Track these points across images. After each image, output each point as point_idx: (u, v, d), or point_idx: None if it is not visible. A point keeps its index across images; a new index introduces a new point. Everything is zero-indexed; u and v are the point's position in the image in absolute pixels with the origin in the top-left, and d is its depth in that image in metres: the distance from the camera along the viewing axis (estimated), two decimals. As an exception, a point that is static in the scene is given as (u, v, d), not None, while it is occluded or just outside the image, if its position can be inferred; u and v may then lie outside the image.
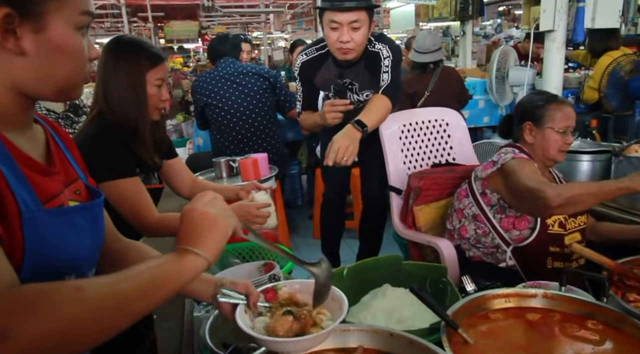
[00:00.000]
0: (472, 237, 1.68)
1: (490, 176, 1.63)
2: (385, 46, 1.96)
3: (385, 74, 1.94)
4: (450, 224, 1.78)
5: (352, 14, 1.81)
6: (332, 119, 1.87)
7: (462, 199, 1.72)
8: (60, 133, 0.85)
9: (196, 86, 2.80)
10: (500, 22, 9.49)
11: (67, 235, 0.71)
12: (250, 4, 12.39)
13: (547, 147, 1.61)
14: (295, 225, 3.55)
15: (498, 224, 1.61)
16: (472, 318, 0.98)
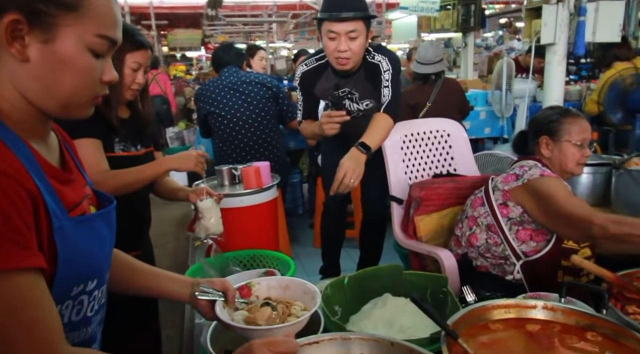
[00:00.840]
0: (482, 246, 1.67)
1: (514, 190, 1.60)
2: (385, 58, 1.99)
3: (385, 88, 1.97)
4: (459, 230, 1.77)
5: (349, 24, 1.84)
6: (329, 130, 1.91)
7: (477, 208, 1.71)
8: (64, 136, 0.86)
9: (199, 95, 2.82)
10: (501, 34, 9.57)
11: (91, 242, 0.73)
12: (253, 14, 12.51)
13: (565, 161, 1.61)
14: (296, 234, 3.56)
15: (513, 236, 1.59)
16: (472, 328, 0.99)
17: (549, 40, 2.48)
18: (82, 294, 0.73)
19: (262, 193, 2.01)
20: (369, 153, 1.81)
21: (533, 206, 1.55)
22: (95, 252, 0.74)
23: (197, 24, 13.32)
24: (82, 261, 0.70)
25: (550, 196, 1.48)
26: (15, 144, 0.65)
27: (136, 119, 1.56)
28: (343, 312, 1.24)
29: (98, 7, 0.71)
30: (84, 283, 0.72)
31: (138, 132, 1.57)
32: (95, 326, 0.83)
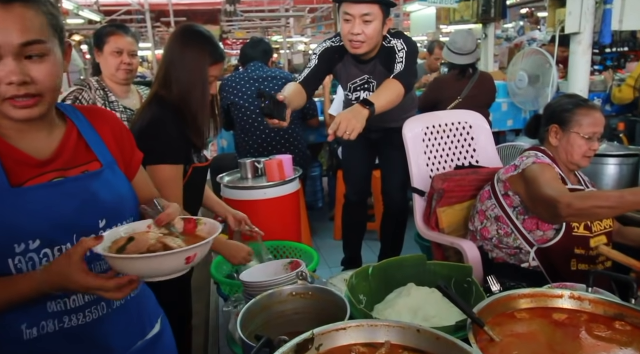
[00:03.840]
0: (495, 238, 1.69)
1: (512, 179, 1.64)
2: (399, 40, 1.98)
3: (399, 64, 1.93)
4: (472, 225, 1.78)
5: (364, 7, 1.85)
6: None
7: (485, 201, 1.73)
8: (99, 123, 1.01)
9: (224, 85, 2.87)
10: (522, 24, 9.38)
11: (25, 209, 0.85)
12: (271, 9, 12.52)
13: (572, 152, 1.60)
14: (317, 227, 3.58)
15: (521, 225, 1.62)
16: (498, 317, 0.99)
17: (573, 29, 2.43)
18: (29, 252, 0.85)
19: (285, 186, 2.04)
20: (371, 110, 1.74)
21: (525, 193, 1.58)
22: (26, 218, 0.85)
23: (215, 20, 13.40)
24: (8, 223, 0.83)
25: (534, 181, 1.51)
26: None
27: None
28: (367, 301, 1.25)
29: None
30: (23, 242, 0.84)
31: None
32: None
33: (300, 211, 2.21)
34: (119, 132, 1.04)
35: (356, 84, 2.12)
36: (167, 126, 1.39)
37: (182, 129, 1.40)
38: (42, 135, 0.93)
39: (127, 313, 1.02)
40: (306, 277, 1.22)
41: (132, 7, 10.79)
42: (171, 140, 1.38)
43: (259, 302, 1.13)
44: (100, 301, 0.96)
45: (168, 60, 1.42)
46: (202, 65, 1.40)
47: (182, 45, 1.41)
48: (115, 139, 1.03)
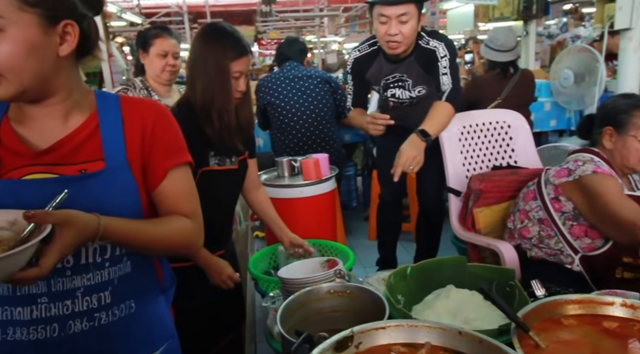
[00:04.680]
0: (535, 237, 1.64)
1: (565, 185, 1.55)
2: (441, 44, 1.96)
3: (444, 76, 1.95)
4: (511, 223, 1.74)
5: (400, 7, 1.84)
6: (373, 131, 1.92)
7: (529, 201, 1.67)
8: (133, 119, 0.90)
9: (260, 85, 2.91)
10: (566, 20, 9.04)
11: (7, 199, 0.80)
12: (305, 8, 12.58)
13: (627, 156, 1.53)
14: (351, 226, 3.57)
15: (567, 230, 1.56)
16: (544, 322, 0.97)
17: (624, 25, 2.32)
18: None
19: (321, 184, 2.05)
20: (428, 141, 1.82)
21: (583, 203, 1.50)
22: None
23: (250, 20, 13.58)
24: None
25: (600, 195, 1.43)
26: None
27: (240, 130, 1.50)
28: (405, 301, 1.24)
29: None
30: None
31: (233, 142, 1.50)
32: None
33: (335, 210, 2.21)
34: (150, 132, 0.91)
35: (389, 80, 2.10)
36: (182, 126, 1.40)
37: (194, 130, 1.36)
38: (54, 123, 0.86)
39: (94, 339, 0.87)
40: (344, 275, 1.22)
41: (171, 9, 11.10)
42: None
43: (297, 298, 1.14)
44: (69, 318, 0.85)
45: (191, 60, 1.42)
46: (222, 62, 1.37)
47: (203, 43, 1.40)
48: (143, 138, 0.90)
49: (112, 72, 4.51)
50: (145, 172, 0.91)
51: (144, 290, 0.94)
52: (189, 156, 0.99)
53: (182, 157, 0.97)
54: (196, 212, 0.99)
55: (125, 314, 0.90)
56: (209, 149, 1.45)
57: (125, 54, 7.19)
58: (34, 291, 0.83)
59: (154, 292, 0.98)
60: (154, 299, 0.98)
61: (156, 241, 0.89)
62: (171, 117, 0.97)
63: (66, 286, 0.84)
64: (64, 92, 0.86)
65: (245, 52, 1.41)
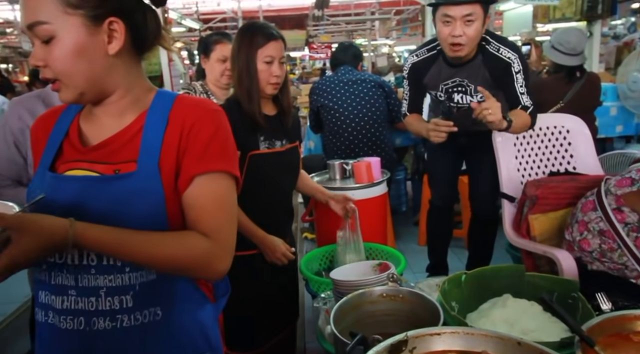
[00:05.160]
0: (596, 251, 1.56)
1: (628, 195, 1.49)
2: (515, 56, 1.91)
3: (524, 95, 1.92)
4: (569, 235, 1.66)
5: (466, 7, 1.80)
6: (435, 138, 1.88)
7: (588, 212, 1.60)
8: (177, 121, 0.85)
9: (315, 88, 2.97)
10: (634, 20, 8.50)
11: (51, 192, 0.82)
12: (357, 12, 12.60)
13: None
14: (400, 231, 3.53)
15: (632, 242, 1.47)
16: (610, 337, 0.92)
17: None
18: None
19: (372, 188, 2.05)
20: (509, 125, 1.78)
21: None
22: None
23: (302, 24, 13.77)
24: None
25: None
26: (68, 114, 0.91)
27: (282, 115, 1.63)
28: (459, 309, 1.22)
29: None
30: None
31: (284, 128, 1.63)
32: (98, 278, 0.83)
33: (386, 214, 2.20)
34: (187, 132, 0.84)
35: (448, 85, 2.07)
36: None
37: (240, 118, 1.49)
38: (110, 121, 0.87)
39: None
40: (397, 279, 1.22)
41: (226, 15, 11.48)
42: None
43: (349, 300, 1.15)
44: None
45: (231, 57, 1.56)
46: (249, 51, 1.50)
47: (236, 40, 1.54)
48: (180, 140, 0.84)
49: (172, 76, 4.73)
50: (178, 178, 0.84)
51: (175, 298, 0.88)
52: (230, 167, 0.87)
53: (216, 165, 0.85)
54: (220, 232, 0.85)
55: (150, 321, 0.85)
56: (258, 133, 1.55)
57: (183, 58, 7.51)
58: (64, 282, 0.84)
59: (192, 301, 0.92)
60: (194, 308, 0.92)
61: (151, 257, 0.80)
62: (219, 120, 0.88)
63: (91, 284, 0.83)
64: (121, 90, 0.86)
65: (273, 38, 1.51)
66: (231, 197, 0.90)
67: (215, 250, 0.85)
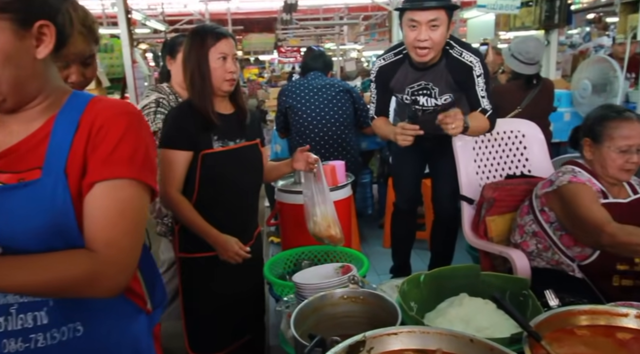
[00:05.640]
0: (534, 251, 1.68)
1: (547, 195, 1.61)
2: (477, 60, 1.97)
3: (484, 99, 1.99)
4: (513, 238, 1.77)
5: (431, 13, 1.85)
6: (402, 142, 1.93)
7: (524, 216, 1.72)
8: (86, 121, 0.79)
9: (284, 89, 3.02)
10: (589, 30, 8.92)
11: None
12: (325, 16, 12.69)
13: (605, 166, 1.55)
14: (366, 233, 3.58)
15: (559, 240, 1.59)
16: (556, 332, 0.97)
17: (646, 35, 2.30)
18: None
19: (337, 191, 2.07)
20: (466, 128, 1.85)
21: (561, 211, 1.55)
22: None
23: (271, 28, 13.77)
24: None
25: (572, 201, 1.49)
26: None
27: (239, 113, 1.64)
28: (418, 309, 1.25)
29: None
30: None
31: (241, 126, 1.64)
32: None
33: (351, 217, 2.22)
34: (95, 134, 0.78)
35: (413, 88, 2.12)
36: (170, 115, 1.58)
37: (190, 119, 1.52)
38: (19, 128, 0.79)
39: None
40: (357, 281, 1.23)
41: (193, 17, 11.34)
42: (170, 127, 1.55)
43: (310, 303, 1.16)
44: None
45: (183, 62, 1.56)
46: (201, 51, 1.51)
47: (188, 44, 1.54)
48: (87, 143, 0.78)
49: (135, 78, 4.63)
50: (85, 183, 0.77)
51: (98, 312, 0.82)
52: (141, 174, 0.80)
53: (122, 171, 0.78)
54: (111, 246, 0.76)
55: (69, 338, 0.79)
56: (212, 133, 1.56)
57: (148, 60, 7.36)
58: None
59: (120, 314, 0.86)
60: (122, 321, 0.86)
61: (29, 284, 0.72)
62: (133, 123, 0.81)
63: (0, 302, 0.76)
64: (42, 96, 0.80)
65: (224, 36, 1.53)
66: (136, 208, 0.80)
67: (101, 267, 0.75)
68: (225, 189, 1.58)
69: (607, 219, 1.40)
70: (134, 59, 4.71)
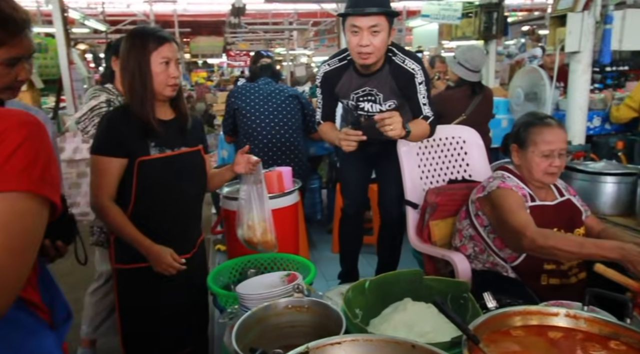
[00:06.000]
0: (472, 254, 1.74)
1: (480, 200, 1.69)
2: (419, 68, 2.02)
3: (425, 106, 2.04)
4: (454, 242, 1.84)
5: (371, 19, 1.88)
6: (346, 147, 1.94)
7: (462, 221, 1.78)
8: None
9: (234, 91, 2.98)
10: (524, 41, 9.47)
11: None
12: (275, 21, 12.67)
13: (531, 170, 1.63)
14: (315, 239, 3.57)
15: (492, 243, 1.67)
16: (494, 333, 0.99)
17: (573, 48, 2.46)
18: None
19: (283, 197, 2.04)
20: (407, 132, 1.87)
21: (491, 215, 1.63)
22: None
23: (219, 31, 13.55)
24: None
25: (499, 206, 1.57)
26: None
27: (181, 118, 1.58)
28: (363, 315, 1.25)
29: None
30: None
31: (182, 132, 1.58)
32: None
33: (298, 223, 2.21)
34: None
35: (358, 94, 2.14)
36: (104, 121, 1.51)
37: (126, 125, 1.47)
38: None
39: None
40: (302, 290, 1.22)
41: (137, 17, 10.95)
42: (102, 133, 1.49)
43: (254, 314, 1.13)
44: None
45: (121, 65, 1.50)
46: (141, 55, 1.46)
47: (127, 47, 1.48)
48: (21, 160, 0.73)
49: (72, 80, 4.38)
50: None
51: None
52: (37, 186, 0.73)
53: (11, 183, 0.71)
54: None
55: None
56: (149, 139, 1.50)
57: (88, 61, 7.00)
58: None
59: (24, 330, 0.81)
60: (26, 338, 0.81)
61: None
62: (31, 134, 0.75)
63: None
64: None
65: (166, 40, 1.48)
66: (26, 224, 0.73)
67: None
68: (164, 197, 1.51)
69: (528, 224, 1.47)
70: (70, 59, 4.46)
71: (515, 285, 1.56)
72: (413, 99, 2.04)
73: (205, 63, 16.62)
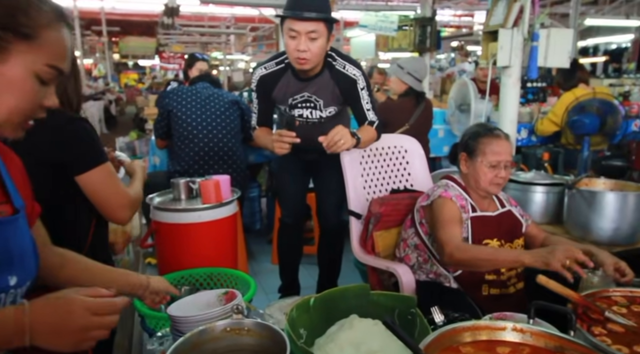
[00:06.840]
0: (415, 264, 1.74)
1: (424, 208, 1.71)
2: (360, 73, 2.01)
3: (369, 112, 2.04)
4: (398, 252, 1.82)
5: (310, 24, 1.84)
6: (279, 150, 1.89)
7: (407, 229, 1.78)
8: (8, 161, 0.88)
9: (169, 92, 2.84)
10: (454, 56, 9.99)
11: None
12: (211, 24, 12.35)
13: (477, 179, 1.66)
14: (254, 250, 3.46)
15: (436, 252, 1.67)
16: (444, 351, 0.96)
17: (504, 63, 2.57)
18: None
19: (221, 208, 1.92)
20: (357, 140, 1.88)
21: (432, 224, 1.65)
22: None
23: (152, 32, 12.99)
24: None
25: (436, 216, 1.61)
26: None
27: None
28: (308, 335, 1.18)
29: (51, 39, 0.76)
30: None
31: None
32: None
33: (237, 235, 2.09)
34: (21, 174, 0.92)
35: (296, 100, 2.08)
36: (90, 130, 1.36)
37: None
38: None
39: None
40: (242, 310, 1.12)
41: (60, 12, 10.18)
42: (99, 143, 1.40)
43: (188, 340, 1.02)
44: None
45: None
46: None
47: None
48: (22, 182, 0.91)
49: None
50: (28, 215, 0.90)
51: None
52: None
53: None
54: None
55: None
56: None
57: None
58: None
59: None
60: None
61: None
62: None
63: None
64: None
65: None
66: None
67: None
68: None
69: (450, 239, 1.50)
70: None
71: (457, 295, 1.56)
72: (357, 106, 2.02)
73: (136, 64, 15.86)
